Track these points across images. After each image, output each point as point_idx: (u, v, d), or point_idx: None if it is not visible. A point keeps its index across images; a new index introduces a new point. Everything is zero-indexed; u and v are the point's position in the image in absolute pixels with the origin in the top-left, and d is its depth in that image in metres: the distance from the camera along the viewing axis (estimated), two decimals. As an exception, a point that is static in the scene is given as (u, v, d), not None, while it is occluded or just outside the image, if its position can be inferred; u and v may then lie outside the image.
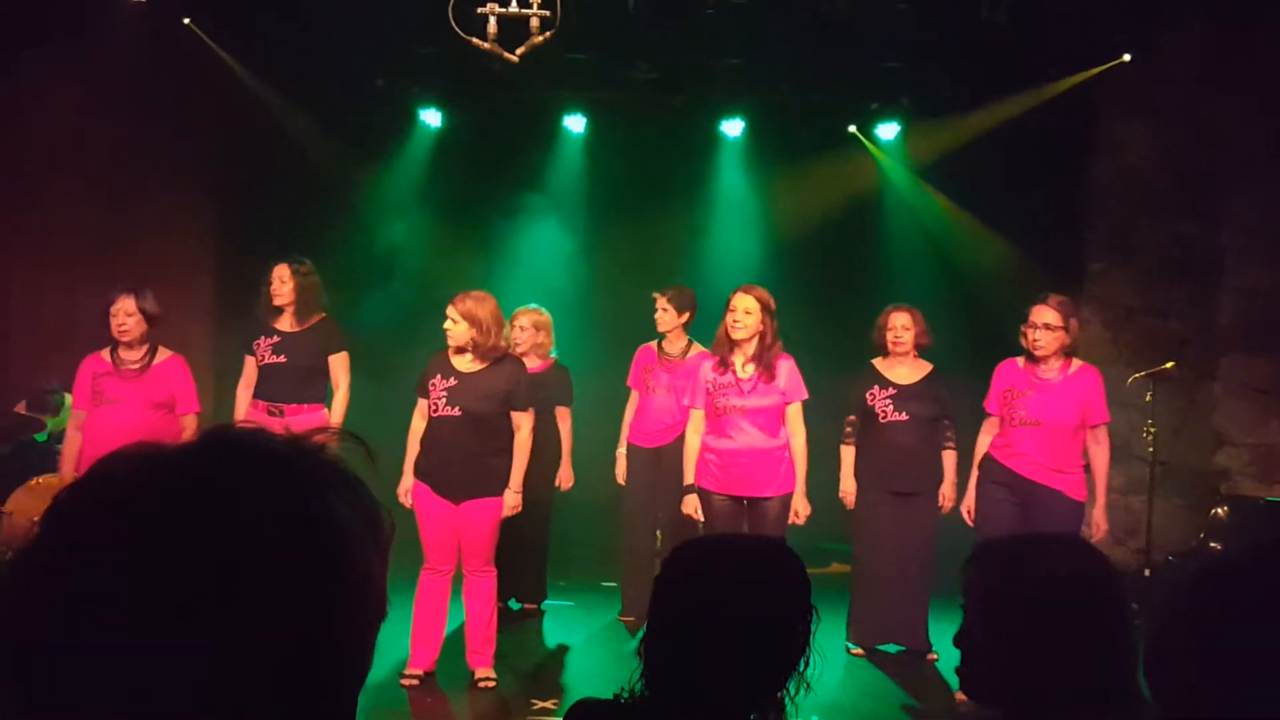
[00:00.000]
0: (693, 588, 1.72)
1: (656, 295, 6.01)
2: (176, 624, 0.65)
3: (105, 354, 5.20)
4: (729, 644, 1.66)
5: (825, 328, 6.95)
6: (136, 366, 5.17)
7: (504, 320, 5.13)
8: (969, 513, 5.27)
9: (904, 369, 5.57)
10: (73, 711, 0.65)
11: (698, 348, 5.94)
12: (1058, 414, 5.00)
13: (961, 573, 1.66)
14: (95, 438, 5.07)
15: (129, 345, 5.15)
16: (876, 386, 5.52)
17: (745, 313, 5.10)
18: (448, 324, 4.82)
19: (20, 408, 6.14)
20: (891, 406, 5.48)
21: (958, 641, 1.65)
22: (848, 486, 5.57)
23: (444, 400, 4.81)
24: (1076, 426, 5.03)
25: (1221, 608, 1.10)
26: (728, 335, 5.15)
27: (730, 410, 5.13)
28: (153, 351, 5.22)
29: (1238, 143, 7.10)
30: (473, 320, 4.79)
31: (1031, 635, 1.52)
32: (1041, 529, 4.84)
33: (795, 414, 5.21)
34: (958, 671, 1.67)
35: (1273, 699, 1.04)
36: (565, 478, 6.15)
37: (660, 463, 5.90)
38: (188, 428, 5.19)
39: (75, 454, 5.16)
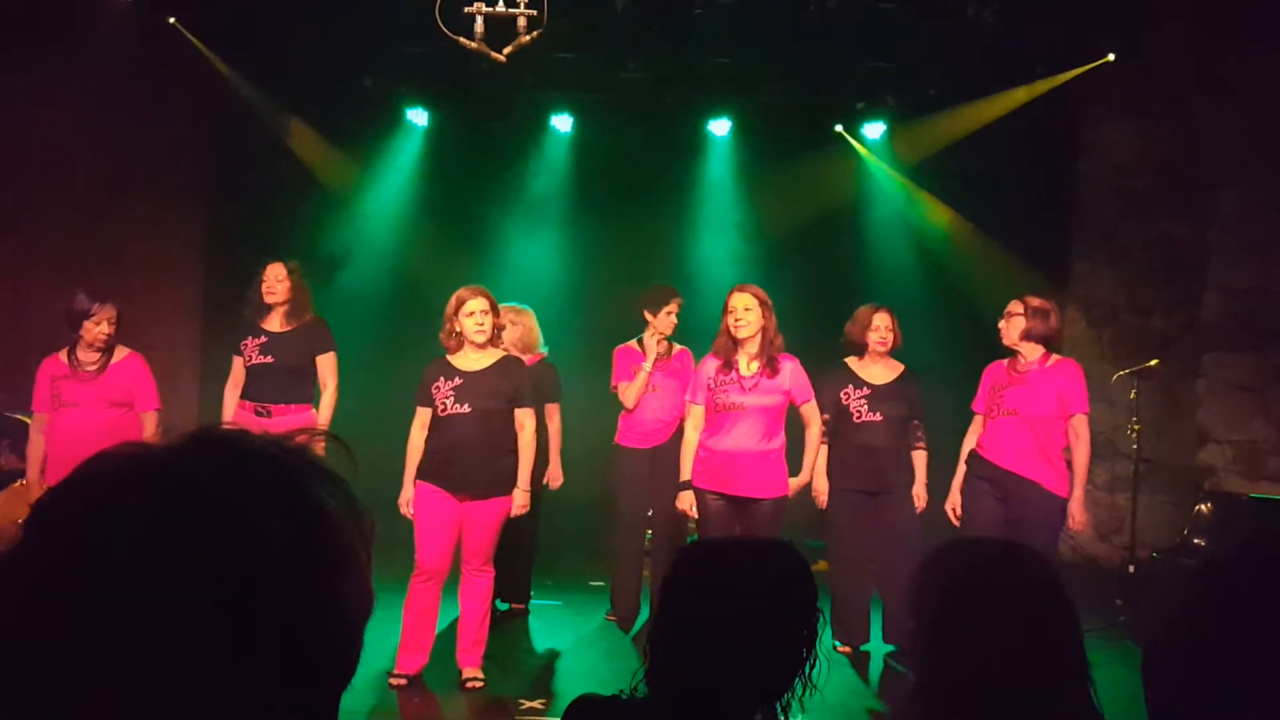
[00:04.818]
0: (704, 589, 1.71)
1: (678, 300, 5.94)
2: (164, 621, 0.65)
3: (63, 356, 5.11)
4: (739, 645, 1.65)
5: (810, 326, 6.95)
6: (94, 368, 5.09)
7: None
8: (954, 511, 5.29)
9: (878, 369, 5.56)
10: (60, 712, 0.65)
11: (678, 345, 5.97)
12: (1034, 403, 5.05)
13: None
14: (57, 441, 5.03)
15: (91, 348, 5.08)
16: (851, 386, 5.51)
17: (745, 309, 5.08)
18: (479, 319, 4.76)
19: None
20: (866, 406, 5.48)
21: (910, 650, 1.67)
22: (820, 485, 5.56)
23: (452, 399, 4.79)
24: (1055, 416, 5.06)
25: (1220, 606, 1.10)
26: (731, 335, 5.12)
27: (730, 408, 5.11)
28: (110, 351, 5.13)
29: (1222, 142, 7.13)
30: (494, 306, 4.85)
31: (974, 643, 1.54)
32: (1021, 522, 4.91)
33: (811, 411, 5.24)
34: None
35: (1272, 696, 1.04)
36: (555, 476, 6.12)
37: (653, 462, 5.89)
38: (148, 424, 5.11)
39: (39, 458, 5.11)
